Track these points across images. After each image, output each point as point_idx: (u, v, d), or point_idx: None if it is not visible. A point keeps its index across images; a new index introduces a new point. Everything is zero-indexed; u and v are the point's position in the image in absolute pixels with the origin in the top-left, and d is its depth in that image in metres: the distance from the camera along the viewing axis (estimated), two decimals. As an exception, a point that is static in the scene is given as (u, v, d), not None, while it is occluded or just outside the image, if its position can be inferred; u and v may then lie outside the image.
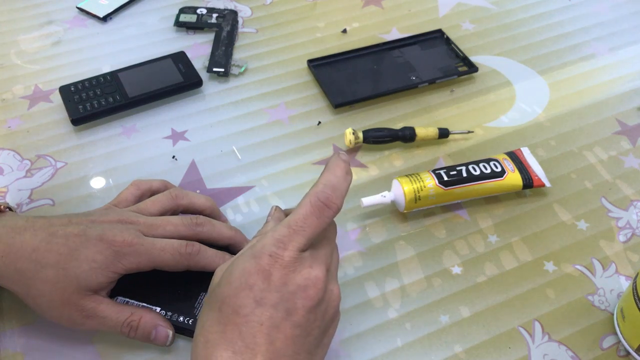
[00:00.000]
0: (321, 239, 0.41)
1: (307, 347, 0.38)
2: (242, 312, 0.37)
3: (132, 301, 0.47)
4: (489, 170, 0.56)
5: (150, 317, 0.45)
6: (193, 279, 0.48)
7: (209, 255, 0.47)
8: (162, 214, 0.50)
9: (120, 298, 0.46)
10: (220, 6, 0.79)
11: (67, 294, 0.43)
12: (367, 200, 0.54)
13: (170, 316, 0.47)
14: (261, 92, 0.68)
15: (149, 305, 0.47)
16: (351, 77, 0.69)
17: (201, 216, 0.49)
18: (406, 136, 0.61)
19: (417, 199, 0.54)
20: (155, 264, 0.45)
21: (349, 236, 0.55)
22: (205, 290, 0.48)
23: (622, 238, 0.55)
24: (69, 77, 0.68)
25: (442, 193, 0.54)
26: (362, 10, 0.79)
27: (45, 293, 0.43)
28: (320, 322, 0.39)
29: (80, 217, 0.46)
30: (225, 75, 0.69)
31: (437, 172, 0.55)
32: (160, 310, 0.47)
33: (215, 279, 0.41)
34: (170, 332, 0.46)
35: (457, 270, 0.53)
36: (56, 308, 0.43)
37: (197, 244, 0.47)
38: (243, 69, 0.69)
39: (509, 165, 0.57)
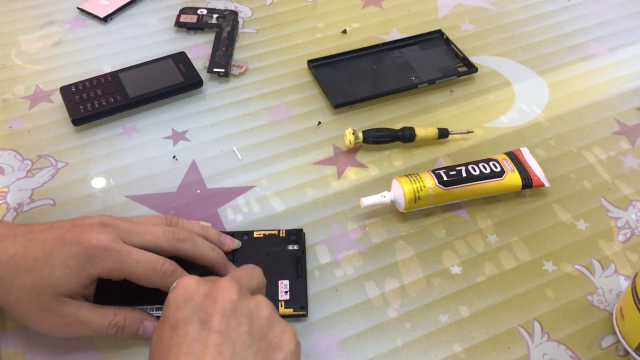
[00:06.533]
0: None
1: (240, 354, 0.37)
2: (164, 342, 0.37)
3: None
4: (488, 171, 0.56)
5: (136, 315, 0.45)
6: None
7: None
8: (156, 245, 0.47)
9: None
10: (221, 7, 0.79)
11: (45, 300, 0.42)
12: (367, 200, 0.54)
13: (157, 309, 0.47)
14: (261, 93, 0.68)
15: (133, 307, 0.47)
16: (351, 78, 0.69)
17: (184, 231, 0.47)
18: (406, 136, 0.61)
19: (416, 198, 0.54)
20: (127, 274, 0.43)
21: (349, 236, 0.55)
22: None
23: (621, 238, 0.56)
24: (70, 77, 0.68)
25: (441, 193, 0.54)
26: (362, 11, 0.79)
27: (23, 300, 0.42)
28: (247, 326, 0.38)
29: (64, 221, 0.45)
30: (226, 75, 0.69)
31: (436, 172, 0.55)
32: (145, 308, 0.47)
33: None
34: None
35: (456, 270, 0.53)
36: (35, 315, 0.42)
37: (173, 264, 0.45)
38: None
39: (509, 165, 0.57)
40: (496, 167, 0.56)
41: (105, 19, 0.76)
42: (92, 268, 0.42)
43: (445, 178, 0.55)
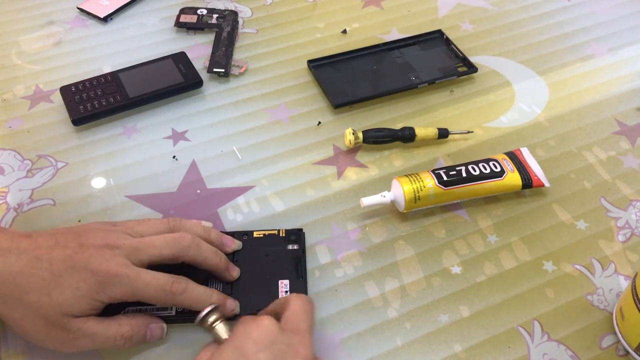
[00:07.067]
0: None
1: None
2: None
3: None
4: (488, 170, 0.56)
5: (140, 320, 0.45)
6: (171, 271, 0.48)
7: (195, 295, 0.45)
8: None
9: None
10: (221, 7, 0.79)
11: (51, 319, 0.42)
12: (367, 200, 0.54)
13: (158, 309, 0.47)
14: (261, 93, 0.68)
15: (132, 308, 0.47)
16: (351, 78, 0.69)
17: (188, 236, 0.47)
18: (406, 136, 0.61)
19: (416, 198, 0.54)
20: (139, 297, 0.43)
21: (349, 236, 0.55)
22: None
23: (621, 238, 0.56)
24: (70, 77, 0.68)
25: (441, 193, 0.54)
26: (362, 11, 0.80)
27: (29, 318, 0.42)
28: None
29: (68, 236, 0.44)
30: (226, 75, 0.69)
31: (436, 172, 0.55)
32: (146, 308, 0.47)
33: None
34: (164, 325, 0.46)
35: (456, 269, 0.53)
36: (41, 332, 0.42)
37: (183, 281, 0.45)
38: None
39: (508, 165, 0.57)
40: (496, 167, 0.56)
41: (105, 19, 0.76)
42: (105, 294, 0.43)
43: (445, 178, 0.55)
